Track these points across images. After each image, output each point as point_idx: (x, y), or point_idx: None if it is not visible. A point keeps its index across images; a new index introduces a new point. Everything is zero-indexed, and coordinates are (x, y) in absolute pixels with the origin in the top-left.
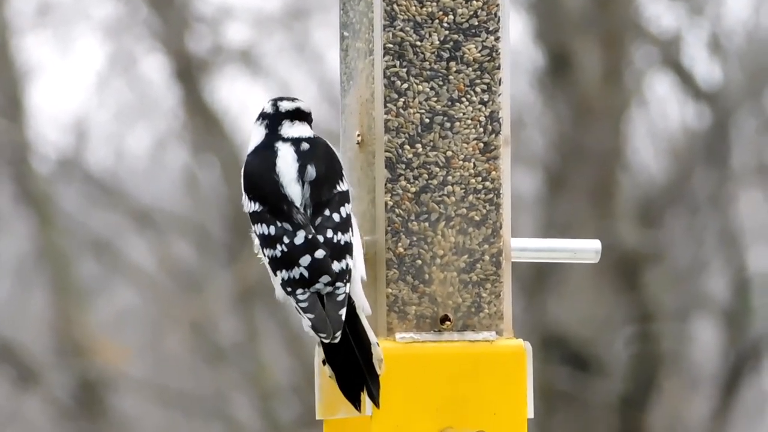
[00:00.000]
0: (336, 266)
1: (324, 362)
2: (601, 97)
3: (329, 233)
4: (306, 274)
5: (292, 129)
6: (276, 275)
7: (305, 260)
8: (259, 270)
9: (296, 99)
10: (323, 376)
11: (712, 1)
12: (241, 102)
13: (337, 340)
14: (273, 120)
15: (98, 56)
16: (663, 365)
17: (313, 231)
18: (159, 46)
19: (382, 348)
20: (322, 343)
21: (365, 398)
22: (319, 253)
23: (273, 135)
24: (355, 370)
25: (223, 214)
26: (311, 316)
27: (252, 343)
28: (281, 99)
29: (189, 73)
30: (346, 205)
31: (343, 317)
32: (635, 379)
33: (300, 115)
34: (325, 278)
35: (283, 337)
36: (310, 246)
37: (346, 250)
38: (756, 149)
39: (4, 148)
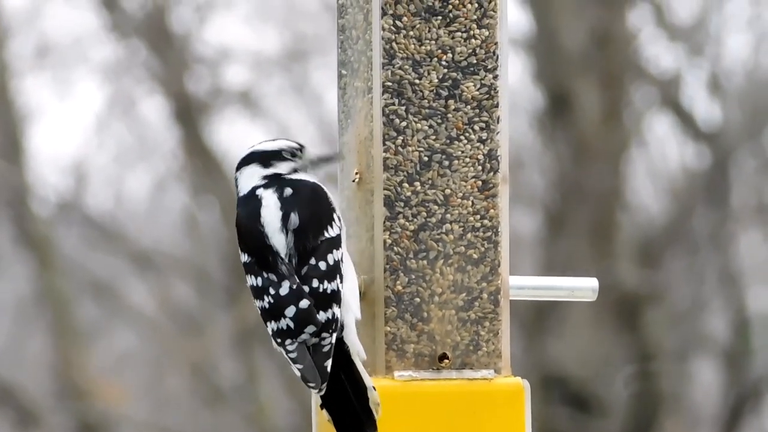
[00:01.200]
0: (322, 316)
1: (321, 407)
2: (600, 137)
3: (315, 282)
4: (291, 325)
5: (276, 167)
6: (267, 326)
7: (290, 311)
8: (258, 314)
9: (278, 139)
10: (320, 416)
11: (712, 41)
12: (240, 143)
13: (322, 392)
14: (258, 163)
15: (97, 98)
16: (663, 405)
17: (298, 281)
18: (158, 88)
19: (380, 386)
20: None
21: None
22: (304, 303)
23: (258, 180)
24: (352, 414)
25: (223, 256)
26: (300, 366)
27: (251, 385)
28: (261, 142)
29: (188, 115)
30: (335, 251)
31: (329, 368)
32: (635, 419)
33: (278, 156)
34: (310, 328)
35: (282, 379)
36: (294, 296)
37: (332, 299)
38: (756, 189)
39: (3, 190)
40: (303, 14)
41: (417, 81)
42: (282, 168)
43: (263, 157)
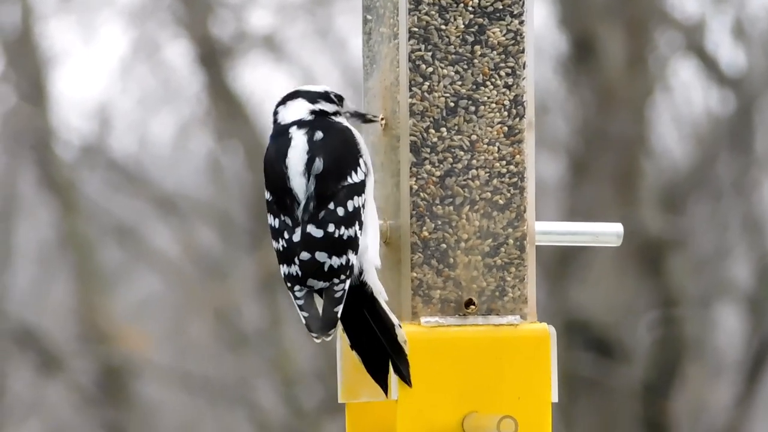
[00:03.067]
0: (335, 261)
1: (351, 347)
2: (624, 83)
3: (331, 227)
4: (299, 272)
5: (323, 105)
6: (280, 268)
7: (298, 259)
8: (275, 255)
9: (320, 84)
10: (345, 360)
11: None
12: (264, 88)
13: (329, 338)
14: (305, 98)
15: (122, 42)
16: (686, 352)
17: (309, 230)
18: (182, 32)
19: (407, 332)
20: (345, 329)
21: (390, 382)
22: (304, 255)
23: (303, 114)
24: (381, 354)
25: (247, 201)
26: (305, 314)
27: (275, 330)
28: (304, 86)
29: (212, 59)
30: (356, 197)
31: (339, 314)
32: (658, 366)
33: (325, 96)
34: (312, 281)
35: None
36: (305, 244)
37: (348, 245)
38: None
39: (27, 134)
40: None
41: (443, 26)
42: (327, 107)
43: (310, 95)
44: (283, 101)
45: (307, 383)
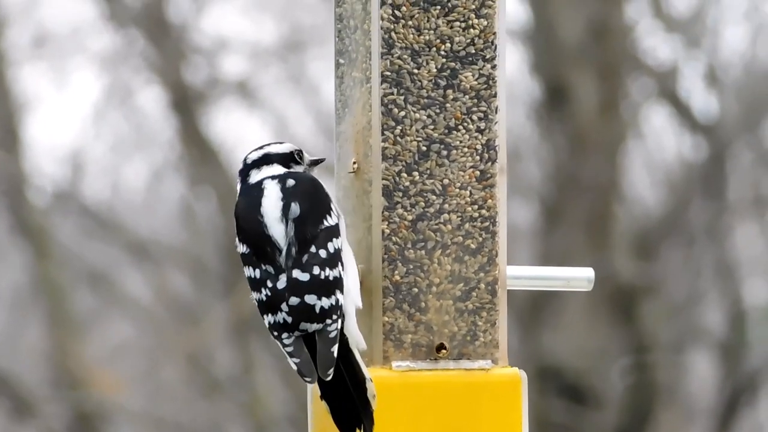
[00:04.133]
0: (326, 302)
1: (321, 397)
2: (597, 128)
3: (316, 270)
4: (288, 319)
5: (275, 169)
6: (264, 318)
7: (286, 306)
8: (255, 306)
9: (284, 142)
10: (316, 404)
11: (709, 33)
12: (237, 133)
13: (329, 378)
14: (278, 163)
15: (94, 88)
16: (659, 397)
17: (294, 276)
18: (155, 78)
19: (377, 376)
20: (317, 379)
21: None
22: (293, 301)
23: (259, 174)
24: (350, 405)
25: (219, 246)
26: (296, 360)
27: (247, 375)
28: (271, 144)
29: (185, 105)
30: (334, 239)
31: (335, 354)
32: (631, 411)
33: (293, 158)
34: (305, 325)
35: (278, 369)
36: (292, 289)
37: (335, 285)
38: (752, 181)
39: (0, 180)
40: (300, 4)
41: (415, 70)
42: (297, 168)
43: (283, 158)
44: (257, 165)
45: (279, 428)
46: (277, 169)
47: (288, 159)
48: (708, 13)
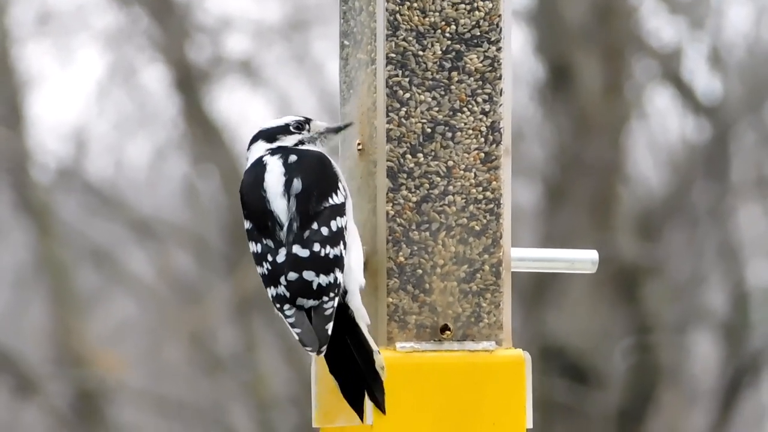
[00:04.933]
0: (323, 280)
1: (330, 372)
2: (601, 109)
3: (316, 247)
4: (286, 293)
5: (283, 141)
6: (267, 291)
7: (284, 278)
8: (258, 280)
9: (284, 116)
10: (321, 384)
11: (713, 14)
12: (240, 112)
13: (322, 353)
14: (263, 139)
15: (98, 66)
16: (661, 378)
17: (294, 250)
18: (159, 56)
19: (382, 357)
20: (325, 354)
21: (366, 407)
22: (291, 276)
23: (264, 149)
24: (358, 379)
25: (222, 225)
26: (298, 330)
27: (250, 354)
28: (268, 121)
29: (189, 84)
30: (338, 218)
31: (329, 331)
32: (633, 392)
33: (284, 130)
34: (302, 300)
35: (281, 348)
36: (291, 264)
37: (334, 263)
38: (755, 163)
39: (3, 157)
40: None
41: (420, 53)
42: (287, 141)
43: (269, 134)
44: (248, 146)
45: (282, 407)
46: (261, 146)
47: (277, 133)
48: None
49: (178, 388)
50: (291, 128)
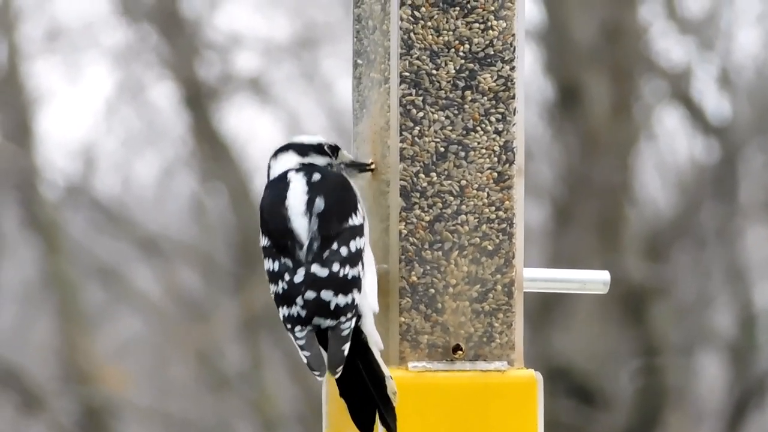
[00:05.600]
0: (341, 300)
1: (340, 395)
2: (609, 130)
3: (335, 267)
4: (302, 313)
5: (314, 159)
6: (279, 311)
7: (301, 299)
8: (265, 299)
9: (315, 135)
10: (332, 403)
11: (723, 35)
12: (249, 130)
13: (337, 375)
14: (295, 151)
15: (107, 83)
16: (668, 400)
17: (312, 270)
18: (168, 74)
19: (394, 376)
20: (336, 378)
21: (377, 429)
22: (309, 295)
23: (292, 165)
24: (368, 403)
25: (230, 243)
26: (307, 354)
27: (257, 372)
28: (300, 136)
29: (198, 101)
30: (357, 239)
31: (346, 352)
32: (640, 413)
33: (318, 149)
34: (319, 320)
35: (287, 366)
36: (310, 284)
37: (353, 284)
38: (764, 184)
39: (12, 174)
40: (313, 1)
41: (434, 72)
42: (318, 160)
43: (302, 148)
44: (275, 154)
45: (288, 426)
46: (291, 157)
47: (309, 150)
48: (721, 16)
49: (184, 405)
50: (324, 148)
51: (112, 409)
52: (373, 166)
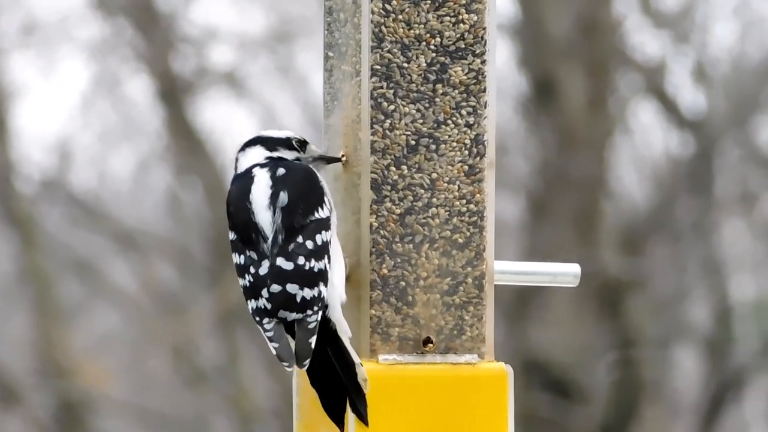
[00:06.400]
0: (307, 293)
1: (312, 385)
2: (585, 124)
3: (300, 260)
4: (268, 306)
5: (282, 153)
6: (247, 304)
7: (266, 291)
8: (241, 293)
9: (285, 129)
10: (302, 396)
11: (698, 29)
12: (224, 124)
13: (305, 368)
14: (263, 146)
15: (82, 77)
16: (644, 393)
17: (277, 262)
18: (143, 68)
19: (365, 369)
20: (306, 369)
21: (348, 419)
22: (275, 288)
23: (259, 160)
24: (339, 392)
25: (206, 237)
26: (276, 345)
27: (233, 366)
28: (268, 129)
29: (173, 95)
30: (324, 232)
31: (313, 345)
32: (616, 407)
33: (286, 143)
34: (283, 313)
35: (263, 360)
36: (275, 276)
37: (319, 277)
38: (739, 178)
39: None
40: None
41: (405, 65)
42: (286, 155)
43: (270, 142)
44: (243, 148)
45: (264, 420)
46: (259, 152)
47: (277, 144)
48: (697, 9)
49: (160, 399)
50: (293, 143)
51: (89, 403)
52: (344, 159)
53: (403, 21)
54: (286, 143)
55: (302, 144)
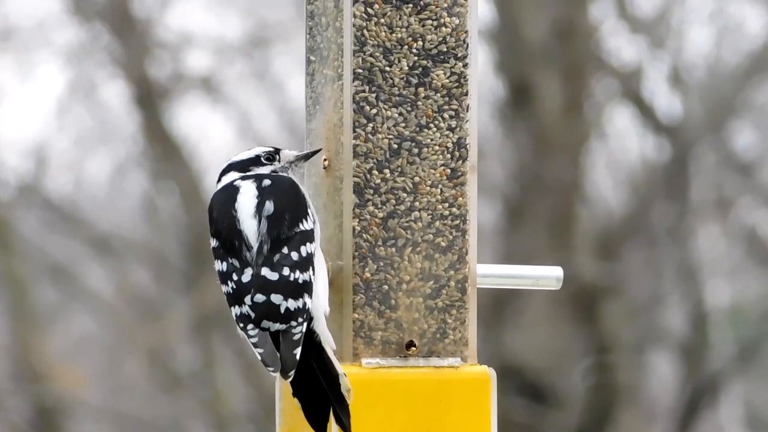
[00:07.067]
0: (291, 304)
1: (293, 395)
2: (561, 128)
3: (286, 271)
4: (252, 314)
5: (256, 171)
6: (231, 310)
7: (249, 299)
8: (217, 298)
9: (253, 148)
10: (285, 401)
11: (673, 34)
12: (200, 129)
13: (290, 378)
14: (236, 170)
15: (59, 82)
16: (620, 398)
17: (260, 271)
18: (119, 73)
19: (347, 373)
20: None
21: (331, 428)
22: (258, 298)
23: (237, 175)
24: (321, 401)
25: (182, 242)
26: (261, 351)
27: (209, 371)
28: (237, 154)
29: (149, 100)
30: (308, 244)
31: (298, 356)
32: (592, 412)
33: (256, 161)
34: (267, 323)
35: (240, 366)
36: (259, 286)
37: (303, 288)
38: (715, 183)
39: None
40: (265, 1)
41: (387, 68)
42: (262, 170)
43: (241, 164)
44: (218, 179)
45: (240, 425)
46: (234, 177)
47: (248, 164)
48: (673, 14)
49: (136, 404)
50: (262, 159)
51: (65, 408)
52: (314, 151)
53: (385, 25)
54: (256, 161)
55: (273, 155)
